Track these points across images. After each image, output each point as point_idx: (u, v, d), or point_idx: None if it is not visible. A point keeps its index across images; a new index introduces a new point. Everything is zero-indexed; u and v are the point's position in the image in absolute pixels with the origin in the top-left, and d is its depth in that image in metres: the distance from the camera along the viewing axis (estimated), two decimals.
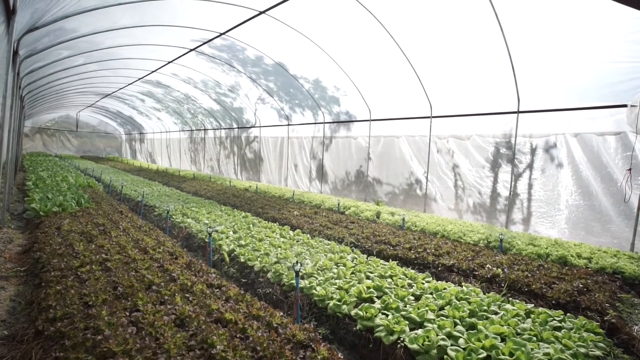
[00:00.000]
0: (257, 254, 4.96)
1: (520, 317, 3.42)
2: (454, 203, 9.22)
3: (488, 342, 2.80)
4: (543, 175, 7.55)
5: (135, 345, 2.34)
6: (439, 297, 3.74)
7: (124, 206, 8.11)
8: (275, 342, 2.52)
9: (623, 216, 6.46)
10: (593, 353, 2.89)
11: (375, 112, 10.97)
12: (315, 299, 3.73)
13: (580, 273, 4.70)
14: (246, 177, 17.44)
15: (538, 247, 5.90)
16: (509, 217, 8.08)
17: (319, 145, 13.21)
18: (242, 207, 9.41)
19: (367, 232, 6.66)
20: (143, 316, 2.75)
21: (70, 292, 3.10)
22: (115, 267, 3.82)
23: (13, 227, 6.26)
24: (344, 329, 3.40)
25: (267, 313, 3.02)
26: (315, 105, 12.51)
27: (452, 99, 8.96)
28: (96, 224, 5.82)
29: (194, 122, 20.52)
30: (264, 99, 14.07)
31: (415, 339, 2.86)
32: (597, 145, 6.78)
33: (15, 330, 3.00)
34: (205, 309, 3.00)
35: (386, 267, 4.63)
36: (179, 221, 7.07)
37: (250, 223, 7.13)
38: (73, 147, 30.15)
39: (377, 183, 11.32)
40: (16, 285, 3.93)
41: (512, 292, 4.29)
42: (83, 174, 14.91)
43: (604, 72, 6.40)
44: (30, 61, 7.69)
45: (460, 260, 5.04)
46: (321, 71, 10.78)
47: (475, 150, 8.70)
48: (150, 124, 25.09)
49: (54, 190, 8.45)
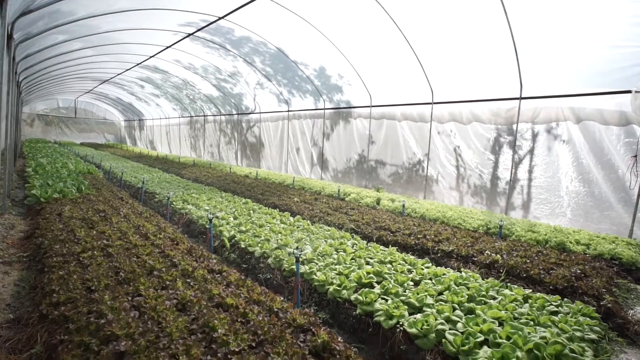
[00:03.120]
0: (257, 240, 4.99)
1: (518, 302, 3.46)
2: (454, 189, 9.22)
3: (486, 326, 2.84)
4: (544, 161, 7.53)
5: (138, 329, 2.37)
6: (438, 283, 3.78)
7: (124, 192, 8.12)
8: (276, 326, 2.55)
9: (622, 203, 6.46)
10: (588, 336, 2.94)
11: (376, 98, 10.86)
12: (316, 284, 3.77)
13: (579, 259, 4.73)
14: (246, 163, 17.41)
15: (537, 233, 5.93)
16: (509, 204, 8.09)
17: (320, 131, 13.13)
18: (243, 193, 9.42)
19: (367, 219, 6.68)
20: (145, 301, 2.78)
21: (73, 277, 3.13)
22: (116, 252, 3.85)
23: (14, 214, 6.29)
24: (344, 313, 3.44)
25: (268, 298, 3.05)
26: (315, 91, 12.38)
27: (454, 85, 8.85)
28: (97, 210, 5.84)
29: (193, 108, 20.36)
30: (262, 84, 13.92)
31: (414, 323, 2.90)
32: (599, 132, 6.73)
33: (21, 314, 3.05)
34: (206, 293, 3.03)
35: (386, 253, 4.67)
36: (180, 207, 7.09)
37: (250, 209, 7.15)
38: (72, 133, 30.00)
39: (378, 169, 11.31)
40: (19, 271, 3.97)
41: (510, 277, 4.33)
42: (83, 160, 14.88)
43: (608, 57, 6.30)
44: (25, 45, 7.56)
45: (460, 246, 5.07)
46: (322, 56, 10.62)
47: (476, 136, 8.65)
48: (150, 110, 24.91)
49: (54, 177, 8.44)
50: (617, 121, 6.49)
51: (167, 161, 17.78)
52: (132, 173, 12.07)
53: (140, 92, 21.48)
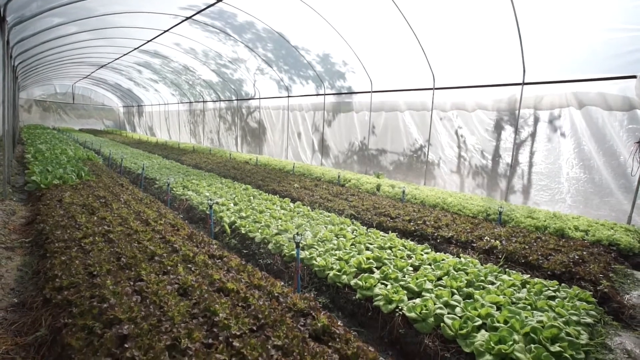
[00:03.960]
0: (258, 226, 5.01)
1: (516, 287, 3.50)
2: (454, 175, 9.21)
3: (484, 310, 2.87)
4: (545, 147, 7.49)
5: (140, 313, 2.40)
6: (437, 268, 3.81)
7: (124, 179, 8.12)
8: (277, 311, 2.58)
9: (623, 189, 6.46)
10: (584, 320, 2.98)
11: (377, 84, 10.73)
12: (316, 270, 3.80)
13: (577, 245, 4.76)
14: (247, 149, 17.36)
15: (536, 219, 5.95)
16: (509, 190, 8.10)
17: (320, 117, 13.03)
18: (243, 179, 9.42)
19: (367, 205, 6.70)
20: (147, 285, 2.81)
21: (75, 263, 3.15)
22: (117, 238, 3.87)
23: (15, 200, 6.30)
24: (344, 298, 3.48)
25: (268, 283, 3.08)
26: (316, 77, 12.23)
27: (456, 70, 8.73)
28: (97, 197, 5.84)
29: (192, 93, 20.16)
30: (263, 69, 13.73)
31: (413, 307, 2.94)
32: (602, 118, 6.67)
33: (25, 298, 3.09)
34: (207, 278, 3.06)
35: (386, 239, 4.69)
36: (180, 193, 7.10)
37: (250, 195, 7.16)
38: (71, 119, 29.81)
39: (379, 156, 11.27)
40: (22, 256, 4.00)
41: (509, 263, 4.37)
42: (82, 146, 14.83)
43: (612, 41, 6.18)
44: (19, 29, 7.42)
45: (459, 232, 5.10)
46: (323, 42, 10.44)
47: (478, 122, 8.58)
48: (148, 95, 24.67)
49: (53, 163, 8.42)
50: (621, 107, 6.42)
51: (166, 147, 17.72)
52: (132, 159, 12.04)
53: (139, 78, 21.23)
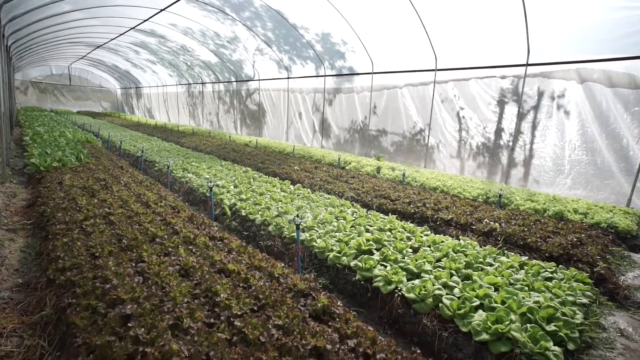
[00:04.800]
0: (258, 208, 5.03)
1: (514, 268, 3.54)
2: (455, 158, 9.18)
3: (482, 291, 2.91)
4: (547, 130, 7.43)
5: (142, 294, 2.43)
6: (437, 250, 3.85)
7: (123, 161, 8.09)
8: (277, 291, 2.62)
9: (624, 172, 6.45)
10: (580, 301, 3.03)
11: (378, 65, 10.54)
12: (316, 251, 3.84)
13: (576, 228, 4.79)
14: (246, 132, 17.24)
15: (536, 202, 5.96)
16: (509, 173, 8.09)
17: (321, 99, 12.88)
18: (243, 162, 9.40)
19: (367, 187, 6.70)
20: (148, 267, 2.84)
21: (77, 244, 3.18)
22: (118, 220, 3.88)
23: (15, 182, 6.30)
24: (344, 279, 3.53)
25: (269, 264, 3.11)
26: (316, 57, 12.00)
27: (458, 51, 8.55)
28: (97, 179, 5.84)
29: (190, 74, 19.86)
30: (262, 50, 13.47)
31: (412, 288, 2.98)
32: (606, 100, 6.58)
33: (29, 279, 3.14)
34: (208, 260, 3.09)
35: (385, 221, 4.71)
36: (180, 176, 7.10)
37: (250, 177, 7.15)
38: (68, 101, 29.44)
39: (379, 138, 11.20)
40: (24, 238, 4.03)
41: (508, 245, 4.40)
42: (80, 129, 14.72)
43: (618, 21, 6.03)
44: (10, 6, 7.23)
45: (459, 215, 5.12)
46: (323, 21, 10.19)
47: (479, 104, 8.48)
48: (146, 77, 24.31)
49: (52, 146, 8.38)
50: (627, 88, 6.32)
51: (165, 130, 17.60)
52: (131, 142, 11.97)
53: (136, 59, 20.86)
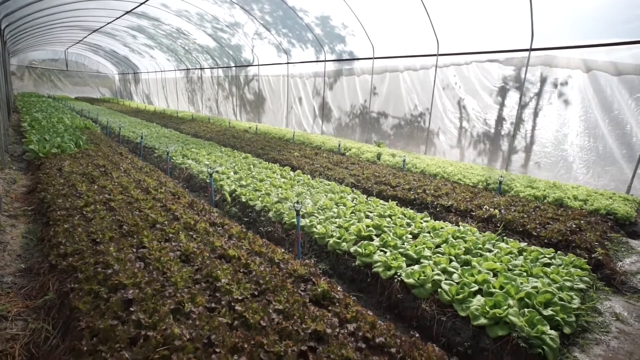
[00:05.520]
0: (258, 194, 5.03)
1: (513, 254, 3.56)
2: (456, 144, 9.14)
3: (480, 277, 2.93)
4: (550, 116, 7.37)
5: (144, 279, 2.45)
6: (436, 236, 3.86)
7: (123, 148, 8.05)
8: (277, 276, 2.64)
9: (626, 159, 6.43)
10: (577, 286, 3.06)
11: (379, 50, 10.37)
12: (316, 237, 3.85)
13: (575, 214, 4.80)
14: (246, 118, 17.11)
15: (536, 189, 5.96)
16: (510, 159, 8.06)
17: (321, 83, 12.73)
18: (243, 148, 9.36)
19: (368, 173, 6.69)
20: (149, 252, 2.85)
21: (78, 230, 3.19)
22: (119, 206, 3.89)
23: (14, 168, 6.29)
24: (344, 265, 3.55)
25: (269, 250, 3.13)
26: (316, 41, 11.80)
27: (461, 35, 8.40)
28: (97, 165, 5.82)
29: (189, 59, 19.58)
30: (261, 34, 13.23)
31: (412, 273, 3.00)
32: (611, 86, 6.50)
33: (32, 264, 3.16)
34: (208, 245, 3.10)
35: (385, 207, 4.72)
36: (180, 162, 7.08)
37: (250, 164, 7.14)
38: (66, 87, 29.13)
39: (379, 124, 11.12)
40: (25, 224, 4.04)
41: (507, 231, 4.42)
42: (79, 115, 14.61)
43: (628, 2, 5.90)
44: None
45: (459, 201, 5.12)
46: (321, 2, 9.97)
47: (481, 90, 8.39)
48: (144, 62, 23.98)
49: (50, 132, 8.33)
50: (632, 73, 6.23)
51: (165, 116, 17.47)
52: (130, 128, 11.90)
53: (133, 43, 20.53)
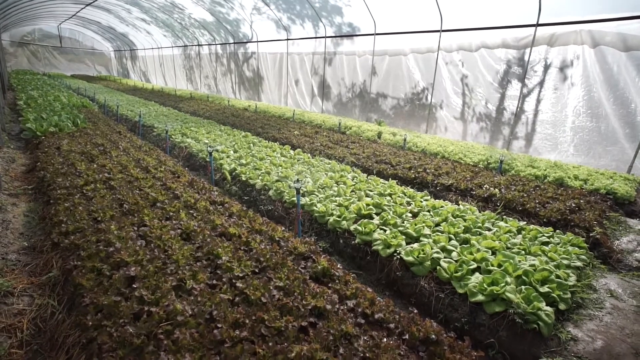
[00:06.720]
0: (258, 173, 5.02)
1: (512, 233, 3.58)
2: (457, 124, 9.04)
3: (479, 255, 2.96)
4: (553, 95, 7.25)
5: (145, 256, 2.48)
6: (436, 215, 3.87)
7: (121, 126, 7.98)
8: (278, 254, 2.66)
9: (628, 138, 6.37)
10: (574, 264, 3.10)
11: (381, 25, 10.08)
12: (316, 215, 3.87)
13: (575, 194, 4.80)
14: (245, 96, 16.87)
15: (537, 168, 5.94)
16: (512, 138, 8.00)
17: (321, 62, 12.46)
18: (242, 126, 9.27)
19: (368, 152, 6.65)
20: (150, 230, 2.87)
21: (79, 209, 3.20)
22: (119, 185, 3.88)
23: (13, 147, 6.25)
24: (344, 243, 3.58)
25: (270, 228, 3.15)
26: (315, 15, 11.45)
27: (465, 10, 8.14)
28: (95, 144, 5.78)
29: (185, 35, 19.09)
30: (260, 8, 12.84)
31: (411, 252, 3.03)
32: (618, 62, 6.35)
33: (34, 242, 3.19)
34: (209, 224, 3.12)
35: (386, 186, 4.72)
36: (179, 141, 7.03)
37: (250, 142, 7.09)
38: (61, 64, 28.55)
39: (381, 102, 10.97)
40: (26, 202, 4.06)
41: (507, 211, 4.43)
42: (76, 93, 14.40)
43: None
44: None
45: (459, 180, 5.12)
46: None
47: (485, 67, 8.21)
48: (140, 38, 23.40)
49: (47, 110, 8.22)
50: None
51: (163, 94, 17.22)
52: (128, 107, 11.75)
53: (128, 17, 19.95)
